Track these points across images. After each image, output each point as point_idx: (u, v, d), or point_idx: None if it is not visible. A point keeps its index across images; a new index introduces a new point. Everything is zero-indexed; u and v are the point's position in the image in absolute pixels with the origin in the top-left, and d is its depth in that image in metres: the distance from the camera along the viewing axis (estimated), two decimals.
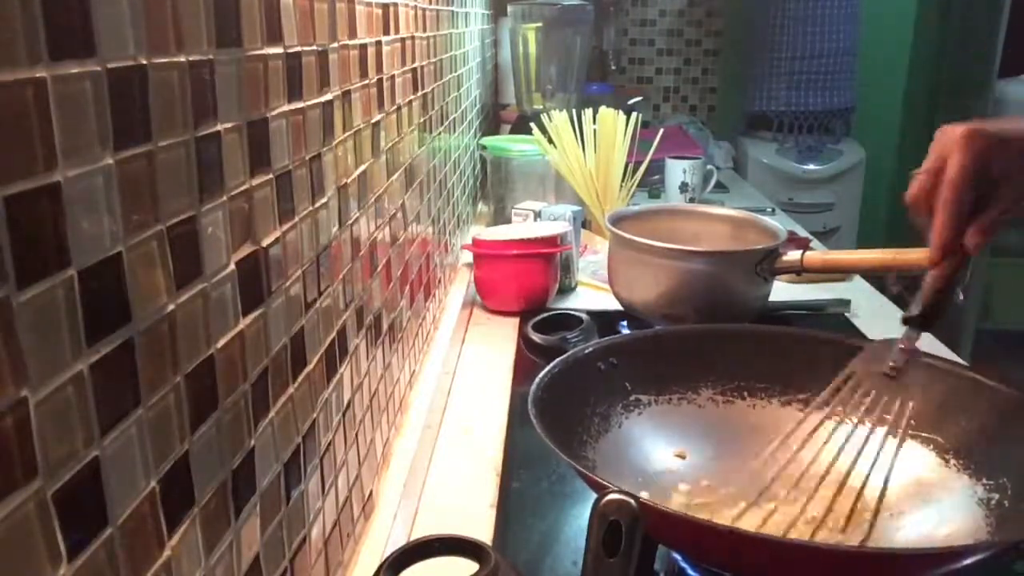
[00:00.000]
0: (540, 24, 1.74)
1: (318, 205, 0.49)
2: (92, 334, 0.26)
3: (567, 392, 0.67)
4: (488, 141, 1.49)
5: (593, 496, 0.47)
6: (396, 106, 0.72)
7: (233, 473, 0.37)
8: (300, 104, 0.46)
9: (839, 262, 0.99)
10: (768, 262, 0.97)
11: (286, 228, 0.44)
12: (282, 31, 0.43)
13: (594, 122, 1.37)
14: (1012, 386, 0.65)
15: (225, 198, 0.36)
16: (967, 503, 0.61)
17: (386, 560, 0.46)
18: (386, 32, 0.67)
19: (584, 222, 1.39)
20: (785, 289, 1.17)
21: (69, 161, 0.25)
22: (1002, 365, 0.69)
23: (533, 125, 1.38)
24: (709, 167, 1.72)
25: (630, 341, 0.83)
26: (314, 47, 0.48)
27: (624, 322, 1.08)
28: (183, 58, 0.32)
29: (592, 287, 1.23)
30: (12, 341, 0.23)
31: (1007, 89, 2.32)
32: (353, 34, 0.57)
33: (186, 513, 0.33)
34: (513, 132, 1.70)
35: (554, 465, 0.74)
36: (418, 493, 0.72)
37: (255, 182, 0.39)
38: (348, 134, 0.56)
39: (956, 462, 0.65)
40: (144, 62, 0.29)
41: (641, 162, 1.40)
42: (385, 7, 0.67)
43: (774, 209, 1.77)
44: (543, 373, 0.67)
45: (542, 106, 1.74)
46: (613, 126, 1.36)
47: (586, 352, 0.73)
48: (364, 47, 0.60)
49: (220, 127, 0.35)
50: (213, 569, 0.35)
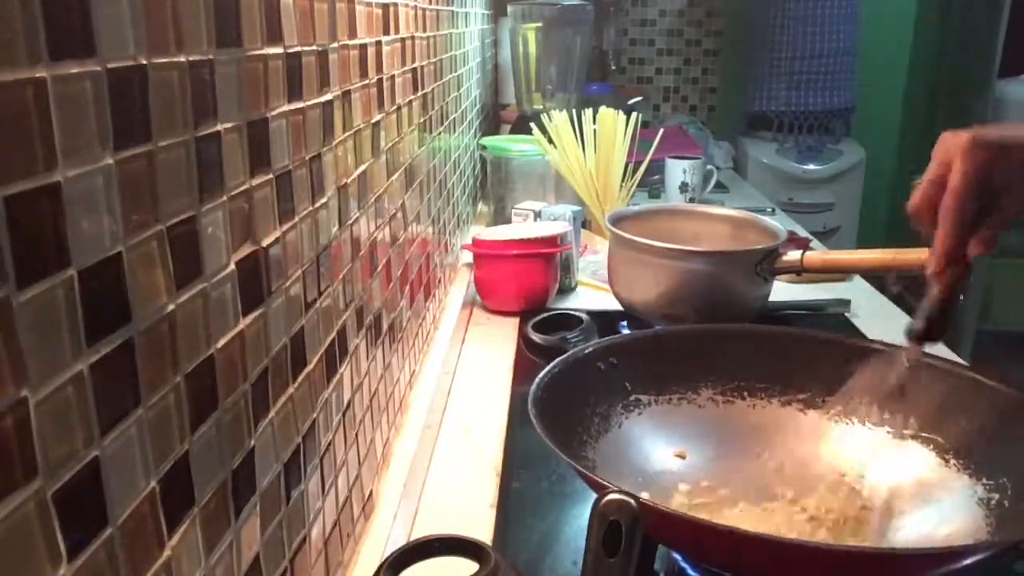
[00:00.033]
0: (540, 24, 1.74)
1: (318, 205, 0.49)
2: (92, 334, 0.26)
3: (567, 392, 0.67)
4: (488, 141, 1.49)
5: (593, 496, 0.47)
6: (396, 106, 0.72)
7: (233, 473, 0.37)
8: (300, 104, 0.46)
9: (839, 262, 0.99)
10: (768, 262, 0.97)
11: (286, 228, 0.44)
12: (282, 31, 0.43)
13: (594, 122, 1.37)
14: (1012, 386, 0.65)
15: (225, 198, 0.36)
16: (967, 503, 0.61)
17: (386, 560, 0.46)
18: (386, 32, 0.67)
19: (584, 222, 1.39)
20: (785, 289, 1.17)
21: (69, 161, 0.25)
22: (1002, 365, 0.69)
23: (533, 125, 1.38)
24: (709, 167, 1.72)
25: (630, 341, 0.83)
26: (314, 47, 0.48)
27: (624, 322, 1.08)
28: (183, 58, 0.32)
29: (592, 287, 1.23)
30: (12, 341, 0.23)
31: (1007, 89, 2.32)
32: (353, 34, 0.57)
33: (186, 513, 0.33)
34: (513, 132, 1.70)
35: (554, 465, 0.74)
36: (418, 493, 0.72)
37: (255, 182, 0.39)
38: (348, 134, 0.56)
39: (956, 462, 0.65)
40: (144, 62, 0.29)
41: (641, 162, 1.40)
42: (385, 7, 0.67)
43: (774, 209, 1.77)
44: (543, 373, 0.67)
45: (542, 106, 1.74)
46: (613, 126, 1.36)
47: (586, 352, 0.73)
48: (364, 47, 0.60)
49: (220, 127, 0.35)
50: (213, 569, 0.35)
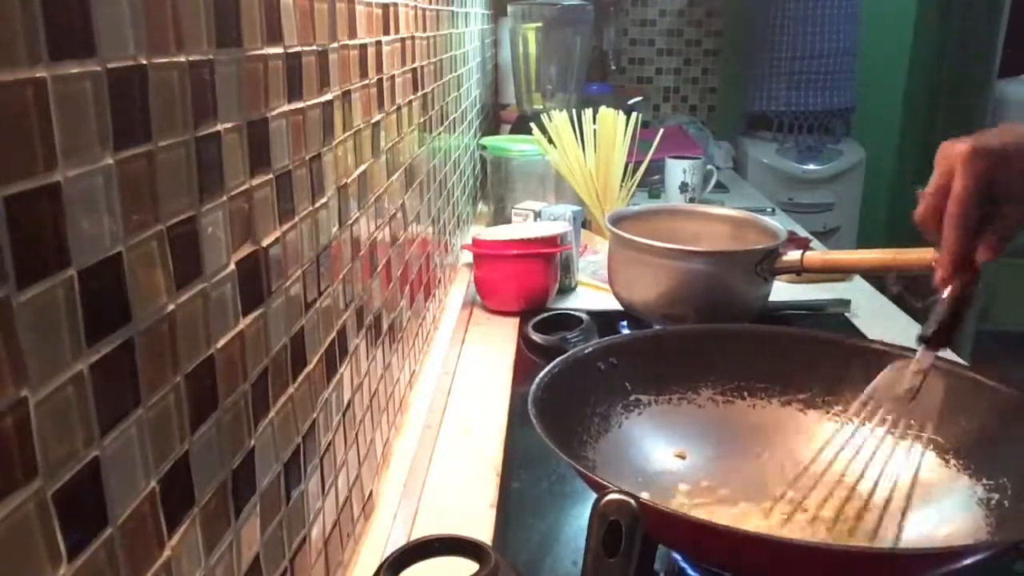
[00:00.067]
0: (540, 24, 1.74)
1: (318, 205, 0.49)
2: (92, 334, 0.26)
3: (567, 392, 0.67)
4: (488, 141, 1.49)
5: (593, 496, 0.47)
6: (396, 106, 0.72)
7: (233, 473, 0.37)
8: (300, 104, 0.46)
9: (839, 262, 0.99)
10: (768, 262, 0.97)
11: (286, 228, 0.44)
12: (282, 31, 0.43)
13: (594, 122, 1.37)
14: (1012, 386, 0.65)
15: (225, 198, 0.36)
16: (967, 503, 0.61)
17: (386, 560, 0.46)
18: (386, 32, 0.67)
19: (584, 222, 1.39)
20: (785, 289, 1.17)
21: (69, 161, 0.25)
22: (1002, 365, 0.69)
23: (533, 125, 1.38)
24: (709, 167, 1.72)
25: (630, 341, 0.83)
26: (314, 47, 0.48)
27: (624, 322, 1.08)
28: (183, 58, 0.32)
29: (592, 287, 1.23)
30: (12, 341, 0.23)
31: (1007, 89, 2.32)
32: (353, 34, 0.57)
33: (186, 513, 0.33)
34: (513, 132, 1.70)
35: (554, 465, 0.74)
36: (418, 493, 0.72)
37: (255, 182, 0.39)
38: (348, 134, 0.56)
39: (956, 462, 0.65)
40: (144, 62, 0.29)
41: (641, 162, 1.40)
42: (385, 7, 0.67)
43: (774, 209, 1.77)
44: (543, 373, 0.67)
45: (542, 106, 1.74)
46: (613, 126, 1.36)
47: (586, 352, 0.72)
48: (364, 47, 0.60)
49: (220, 127, 0.35)
50: (213, 569, 0.35)
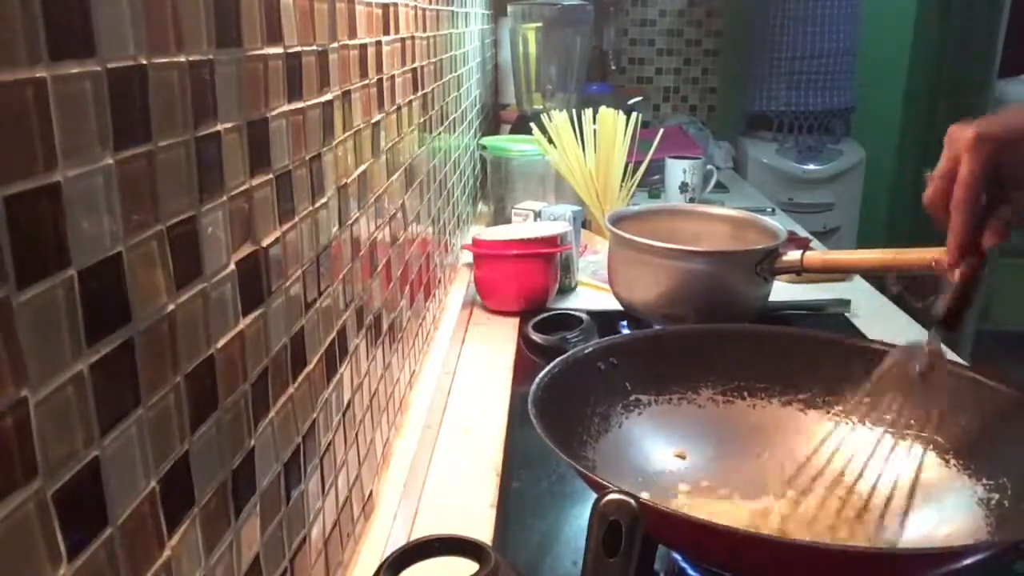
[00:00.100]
0: (540, 24, 1.74)
1: (318, 205, 0.49)
2: (92, 334, 0.26)
3: (567, 392, 0.67)
4: (488, 141, 1.49)
5: (593, 496, 0.47)
6: (396, 106, 0.72)
7: (233, 473, 0.37)
8: (300, 104, 0.46)
9: (839, 262, 0.99)
10: (768, 262, 0.97)
11: (286, 228, 0.44)
12: (282, 31, 0.43)
13: (594, 122, 1.37)
14: (1012, 386, 0.65)
15: (225, 198, 0.36)
16: (967, 503, 0.61)
17: (386, 560, 0.46)
18: (386, 32, 0.67)
19: (584, 222, 1.39)
20: (785, 289, 1.17)
21: (69, 161, 0.25)
22: (1002, 365, 0.69)
23: (533, 125, 1.38)
24: (709, 167, 1.72)
25: (630, 341, 0.83)
26: (314, 47, 0.48)
27: (624, 322, 1.08)
28: (183, 58, 0.32)
29: (592, 287, 1.23)
30: (12, 341, 0.23)
31: (1007, 89, 2.32)
32: (353, 34, 0.57)
33: (186, 513, 0.33)
34: (513, 132, 1.70)
35: (554, 465, 0.74)
36: (418, 493, 0.72)
37: (255, 182, 0.39)
38: (348, 134, 0.56)
39: (956, 462, 0.65)
40: (144, 62, 0.29)
41: (641, 162, 1.40)
42: (385, 7, 0.67)
43: (774, 209, 1.77)
44: (543, 373, 0.67)
45: (542, 106, 1.74)
46: (613, 126, 1.36)
47: (586, 352, 0.72)
48: (364, 47, 0.60)
49: (220, 127, 0.35)
50: (213, 569, 0.35)
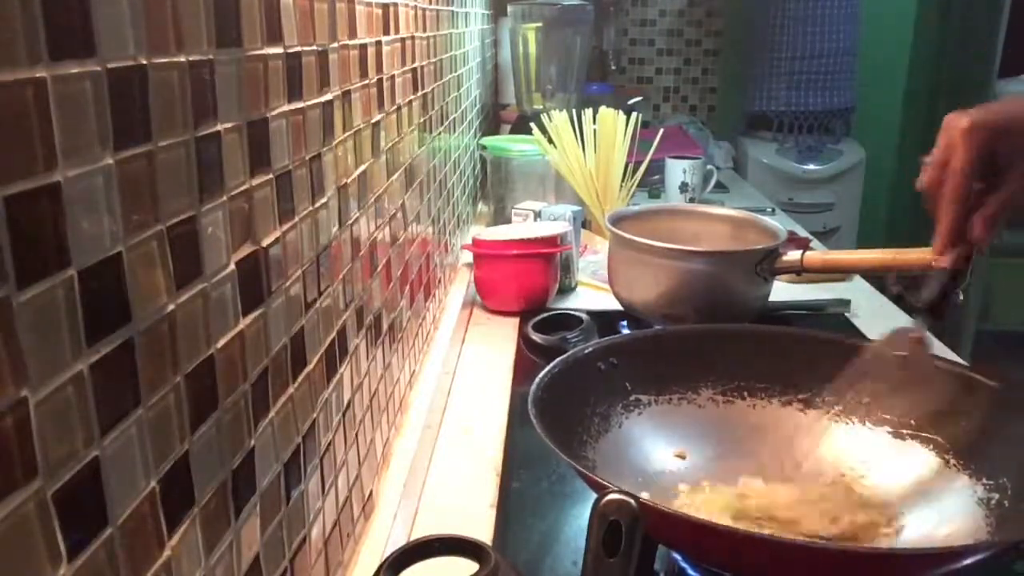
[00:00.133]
0: (540, 24, 1.74)
1: (318, 205, 0.49)
2: (92, 334, 0.26)
3: (567, 392, 0.67)
4: (488, 141, 1.49)
5: (593, 496, 0.47)
6: (396, 106, 0.72)
7: (233, 473, 0.37)
8: (300, 104, 0.46)
9: (839, 262, 0.99)
10: (768, 262, 0.97)
11: (286, 228, 0.44)
12: (282, 31, 0.43)
13: (594, 122, 1.37)
14: (1012, 386, 0.65)
15: (225, 198, 0.36)
16: (967, 503, 0.61)
17: (386, 560, 0.46)
18: (386, 32, 0.67)
19: (584, 222, 1.39)
20: (785, 289, 1.17)
21: (69, 161, 0.25)
22: (1002, 365, 0.69)
23: (533, 125, 1.38)
24: (709, 167, 1.72)
25: (630, 341, 0.83)
26: (314, 47, 0.48)
27: (624, 322, 1.08)
28: (183, 58, 0.32)
29: (592, 287, 1.23)
30: (12, 341, 0.23)
31: (1007, 89, 2.31)
32: (353, 34, 0.57)
33: (186, 513, 0.33)
34: (513, 132, 1.70)
35: (554, 465, 0.74)
36: (418, 493, 0.72)
37: (255, 182, 0.39)
38: (348, 134, 0.56)
39: (956, 462, 0.65)
40: (144, 62, 0.29)
41: (641, 162, 1.40)
42: (385, 7, 0.67)
43: (774, 209, 1.77)
44: (543, 373, 0.67)
45: (542, 106, 1.74)
46: (613, 126, 1.36)
47: (586, 352, 0.72)
48: (364, 47, 0.60)
49: (220, 127, 0.35)
50: (213, 569, 0.35)
